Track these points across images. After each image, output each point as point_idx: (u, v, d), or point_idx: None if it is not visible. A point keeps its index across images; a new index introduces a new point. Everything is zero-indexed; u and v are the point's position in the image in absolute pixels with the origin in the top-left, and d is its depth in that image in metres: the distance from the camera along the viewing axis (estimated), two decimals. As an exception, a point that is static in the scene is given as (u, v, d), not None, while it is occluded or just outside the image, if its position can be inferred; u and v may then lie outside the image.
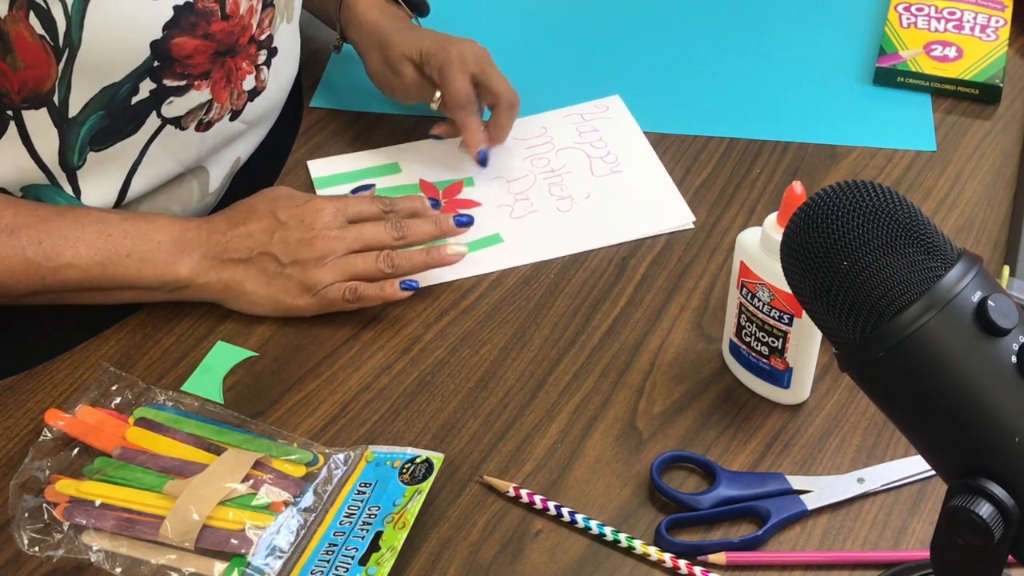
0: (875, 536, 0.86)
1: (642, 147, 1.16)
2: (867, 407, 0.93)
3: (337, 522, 0.85)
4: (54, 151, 0.95)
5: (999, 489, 0.62)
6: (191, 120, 0.99)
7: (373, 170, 1.13)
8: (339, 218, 0.99)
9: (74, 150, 0.95)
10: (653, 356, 0.97)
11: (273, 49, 1.03)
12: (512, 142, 1.16)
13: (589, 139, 1.17)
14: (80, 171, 0.97)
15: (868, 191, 0.64)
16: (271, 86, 1.05)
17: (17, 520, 0.85)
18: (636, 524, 0.86)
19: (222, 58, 0.96)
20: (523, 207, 1.10)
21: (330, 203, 0.99)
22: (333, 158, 1.14)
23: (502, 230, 1.08)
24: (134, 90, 0.93)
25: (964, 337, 0.62)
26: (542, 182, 1.13)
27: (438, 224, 1.01)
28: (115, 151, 0.97)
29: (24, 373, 0.96)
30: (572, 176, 1.13)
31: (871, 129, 1.17)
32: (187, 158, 1.02)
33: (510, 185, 1.12)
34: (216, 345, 0.98)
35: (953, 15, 1.25)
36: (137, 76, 0.93)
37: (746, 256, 0.89)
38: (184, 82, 0.95)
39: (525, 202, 1.11)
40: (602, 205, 1.10)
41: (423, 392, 0.95)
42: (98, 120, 0.94)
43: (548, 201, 1.11)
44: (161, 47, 0.92)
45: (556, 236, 1.08)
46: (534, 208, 1.10)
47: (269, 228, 0.97)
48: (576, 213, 1.10)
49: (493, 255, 1.06)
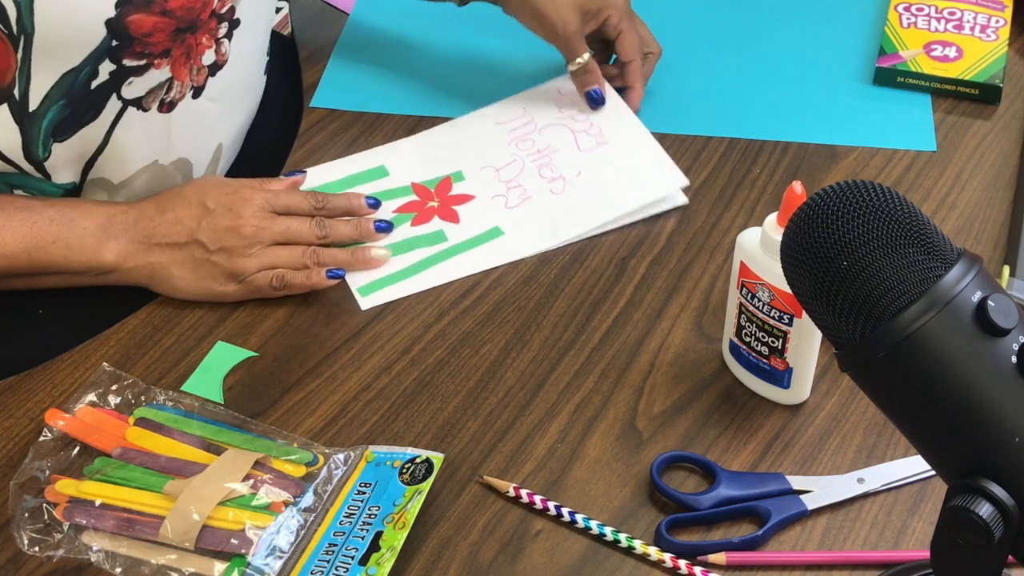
0: (875, 536, 0.86)
1: (623, 113, 1.15)
2: (867, 407, 0.93)
3: (337, 522, 0.85)
4: (17, 147, 0.95)
5: (999, 489, 0.62)
6: (152, 100, 0.98)
7: (360, 176, 1.12)
8: (267, 209, 1.00)
9: (38, 144, 0.95)
10: (653, 356, 0.97)
11: (235, 21, 1.01)
12: (494, 127, 1.15)
13: (570, 113, 1.16)
14: (47, 163, 0.97)
15: (868, 191, 0.64)
16: (234, 60, 1.03)
17: (17, 520, 0.85)
18: (636, 524, 0.86)
19: (183, 35, 0.96)
20: (517, 195, 1.10)
21: (259, 193, 1.01)
22: (319, 167, 1.13)
23: (500, 222, 1.08)
24: (94, 73, 0.93)
25: (964, 337, 0.62)
26: (531, 165, 1.12)
27: (359, 228, 1.04)
28: (78, 140, 0.97)
29: (24, 373, 0.96)
30: (560, 155, 1.13)
31: (871, 129, 1.17)
32: (156, 143, 1.02)
33: (500, 173, 1.12)
34: (216, 345, 0.98)
35: (953, 15, 1.25)
36: (96, 58, 0.92)
37: (746, 256, 0.89)
38: (144, 61, 0.95)
39: (518, 189, 1.10)
40: (595, 181, 1.10)
41: (423, 392, 0.95)
42: (59, 110, 0.94)
43: (540, 184, 1.10)
44: (117, 25, 0.91)
45: (555, 221, 1.07)
46: (528, 195, 1.10)
47: (197, 215, 0.98)
48: (571, 193, 1.09)
49: (495, 249, 1.06)
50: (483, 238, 1.07)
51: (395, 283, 1.03)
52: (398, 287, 1.03)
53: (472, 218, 1.07)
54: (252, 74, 1.09)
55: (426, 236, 1.07)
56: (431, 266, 1.05)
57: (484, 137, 1.15)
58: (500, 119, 1.16)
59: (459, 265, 1.04)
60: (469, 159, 1.13)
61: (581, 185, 1.10)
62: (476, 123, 1.16)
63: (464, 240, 1.07)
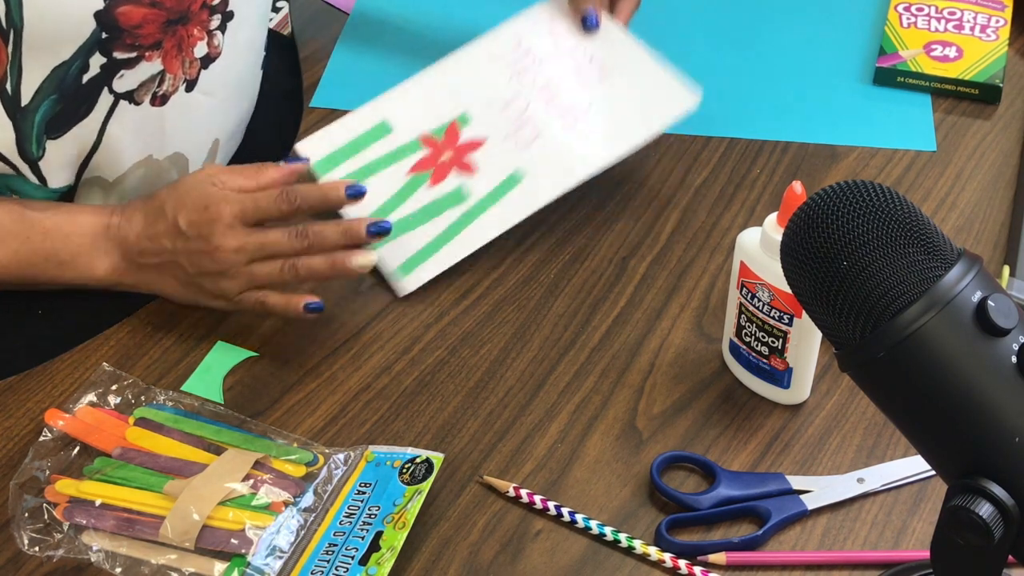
0: (875, 536, 0.86)
1: (621, 39, 1.11)
2: (867, 407, 0.93)
3: (337, 522, 0.85)
4: (11, 143, 0.94)
5: (999, 489, 0.62)
6: (144, 93, 0.98)
7: (364, 139, 1.07)
8: (239, 223, 0.94)
9: (31, 140, 0.95)
10: (653, 356, 0.97)
11: (228, 13, 1.00)
12: (489, 64, 1.10)
13: (567, 44, 1.11)
14: (41, 162, 0.97)
15: (868, 191, 0.64)
16: (228, 53, 1.02)
17: (17, 520, 0.85)
18: (636, 524, 0.86)
19: (174, 26, 0.95)
20: (528, 133, 1.06)
21: (229, 207, 0.94)
22: (320, 133, 1.07)
23: (517, 166, 1.05)
24: (84, 67, 0.93)
25: (964, 337, 0.62)
26: (536, 100, 1.08)
27: (347, 234, 0.96)
28: (72, 139, 0.97)
29: (24, 373, 0.96)
30: (564, 89, 1.09)
31: (871, 129, 1.17)
32: (151, 138, 1.01)
33: (506, 112, 1.08)
34: (216, 345, 0.98)
35: (953, 15, 1.25)
36: (86, 51, 0.92)
37: (746, 256, 0.89)
38: (135, 54, 0.94)
39: (527, 127, 1.07)
40: (605, 112, 1.07)
41: (423, 392, 0.95)
42: (51, 105, 0.93)
43: (550, 120, 1.07)
44: (106, 17, 0.91)
45: (572, 157, 1.05)
46: (539, 132, 1.06)
47: (171, 235, 0.95)
48: (582, 128, 1.06)
49: (518, 200, 1.03)
50: (503, 188, 1.04)
51: (430, 257, 1.02)
52: (434, 262, 1.02)
53: (488, 166, 1.03)
54: (248, 68, 1.09)
55: (447, 197, 1.04)
56: (459, 232, 1.03)
57: (482, 74, 1.10)
58: (494, 52, 1.11)
59: (485, 227, 1.01)
60: (471, 99, 1.08)
61: (591, 119, 1.07)
62: (469, 61, 1.11)
63: (485, 195, 1.04)
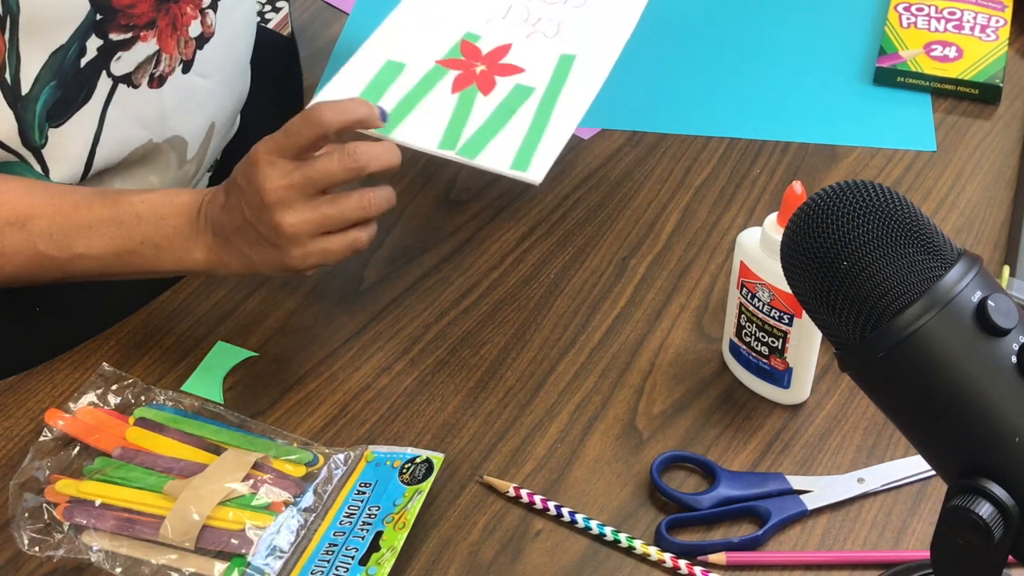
0: (875, 536, 0.86)
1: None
2: (867, 407, 0.93)
3: (337, 522, 0.85)
4: (14, 132, 0.94)
5: (999, 489, 0.62)
6: (142, 75, 0.98)
7: (379, 80, 0.97)
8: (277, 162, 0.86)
9: (33, 128, 0.94)
10: (653, 356, 0.97)
11: None
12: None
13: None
14: (44, 150, 0.96)
15: (868, 191, 0.64)
16: (221, 32, 1.03)
17: (17, 520, 0.85)
18: (636, 524, 0.86)
19: (166, 4, 0.96)
20: (547, 27, 1.01)
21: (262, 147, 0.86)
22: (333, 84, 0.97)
23: (561, 52, 0.98)
24: (82, 50, 0.93)
25: (964, 337, 0.62)
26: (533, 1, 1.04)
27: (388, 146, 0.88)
28: (74, 124, 0.96)
29: (24, 373, 0.96)
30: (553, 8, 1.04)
31: (871, 129, 1.17)
32: (150, 121, 1.01)
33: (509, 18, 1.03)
34: (216, 345, 0.98)
35: (953, 15, 1.25)
36: (82, 33, 0.92)
37: (746, 256, 0.89)
38: (130, 34, 0.94)
39: (543, 22, 1.02)
40: None
41: (423, 392, 0.95)
42: (51, 91, 0.93)
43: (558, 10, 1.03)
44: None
45: (599, 31, 1.00)
46: (559, 21, 1.01)
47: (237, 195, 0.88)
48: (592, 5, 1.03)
49: (584, 78, 0.96)
50: (562, 71, 0.97)
51: (537, 144, 0.91)
52: (546, 145, 0.91)
53: (531, 61, 0.96)
54: (241, 50, 1.09)
55: (510, 96, 0.96)
56: (549, 115, 0.94)
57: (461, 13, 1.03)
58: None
59: (576, 98, 0.94)
60: (469, 20, 1.03)
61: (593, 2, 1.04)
62: None
63: (549, 82, 0.96)
